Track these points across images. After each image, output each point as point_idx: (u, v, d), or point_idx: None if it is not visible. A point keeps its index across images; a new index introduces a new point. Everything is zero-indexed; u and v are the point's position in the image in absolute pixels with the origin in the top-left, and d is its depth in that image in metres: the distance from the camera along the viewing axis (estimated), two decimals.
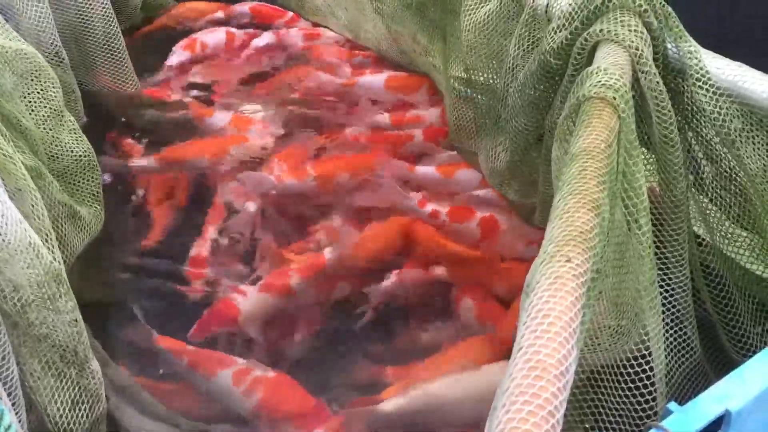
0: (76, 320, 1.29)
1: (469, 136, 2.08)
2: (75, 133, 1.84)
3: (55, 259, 1.29)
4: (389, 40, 2.53)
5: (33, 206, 1.41)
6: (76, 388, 1.30)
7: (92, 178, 1.88)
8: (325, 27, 2.84)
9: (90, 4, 2.27)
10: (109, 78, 2.40)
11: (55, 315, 1.25)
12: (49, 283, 1.24)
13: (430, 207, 2.01)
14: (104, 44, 2.34)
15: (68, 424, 1.29)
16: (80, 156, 1.83)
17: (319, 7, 2.83)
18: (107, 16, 2.31)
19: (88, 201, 1.87)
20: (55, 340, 1.25)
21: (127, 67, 2.40)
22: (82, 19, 2.28)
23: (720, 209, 1.32)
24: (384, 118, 2.36)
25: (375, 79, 2.50)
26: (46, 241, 1.37)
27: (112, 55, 2.36)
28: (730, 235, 1.33)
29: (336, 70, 2.58)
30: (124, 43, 2.37)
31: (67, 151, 1.80)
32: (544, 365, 0.70)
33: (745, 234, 1.32)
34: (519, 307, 1.23)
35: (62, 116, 1.80)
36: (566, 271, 0.80)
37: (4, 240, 1.16)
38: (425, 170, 2.13)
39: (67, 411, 1.28)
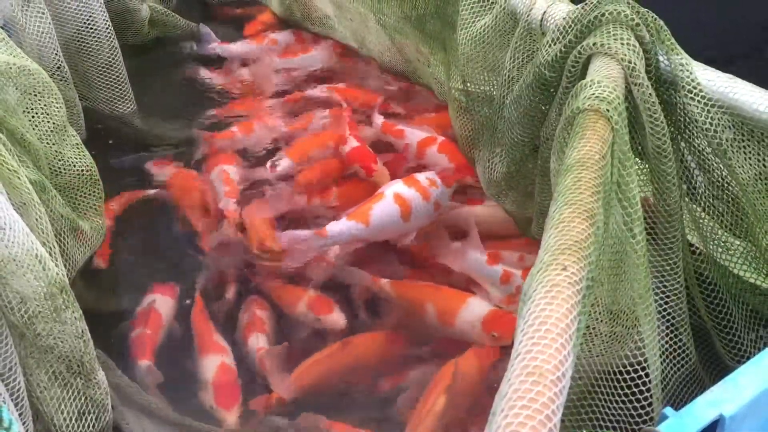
0: (82, 331, 1.30)
1: (470, 146, 2.10)
2: (78, 147, 1.85)
3: (60, 271, 1.30)
4: (393, 51, 2.56)
5: (37, 220, 1.42)
6: (83, 399, 1.31)
7: (94, 192, 1.89)
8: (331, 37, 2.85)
9: (91, 20, 2.25)
10: (105, 96, 2.36)
11: (61, 326, 1.26)
12: (56, 295, 1.25)
13: (500, 267, 1.76)
14: (102, 62, 2.30)
15: None
16: (82, 170, 1.85)
17: (324, 18, 2.84)
18: (107, 33, 2.29)
19: (90, 215, 1.88)
20: (62, 351, 1.27)
21: (124, 87, 2.37)
22: (81, 35, 2.26)
23: (713, 218, 1.34)
24: None
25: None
26: (50, 254, 1.38)
27: (108, 73, 2.33)
28: (723, 244, 1.34)
29: None
30: (122, 61, 2.33)
31: (69, 165, 1.82)
32: (541, 371, 0.71)
33: (737, 242, 1.34)
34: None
35: (65, 131, 1.82)
36: (562, 279, 0.81)
37: (11, 252, 1.17)
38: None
39: (73, 421, 1.30)
